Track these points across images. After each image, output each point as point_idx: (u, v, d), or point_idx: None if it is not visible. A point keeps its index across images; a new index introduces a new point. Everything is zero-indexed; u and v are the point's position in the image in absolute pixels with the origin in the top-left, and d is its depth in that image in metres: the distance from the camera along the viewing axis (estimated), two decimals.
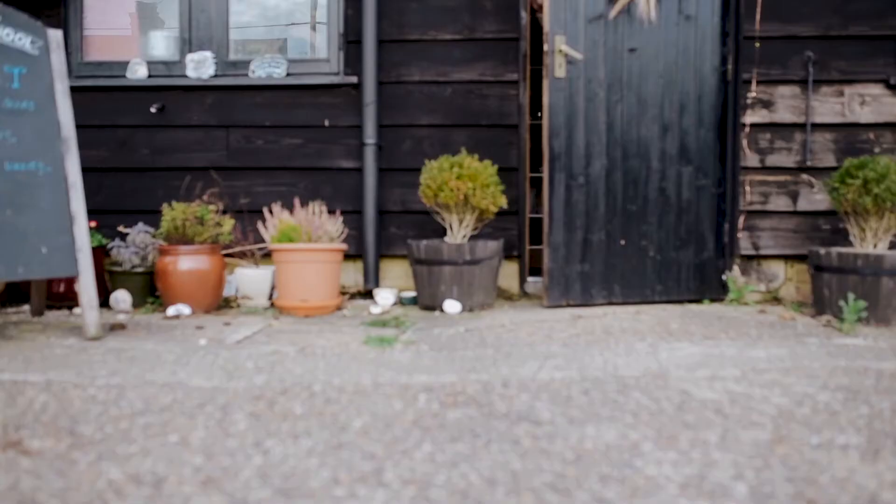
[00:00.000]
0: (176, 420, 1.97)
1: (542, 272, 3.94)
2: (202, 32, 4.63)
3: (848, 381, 2.37)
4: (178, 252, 3.83)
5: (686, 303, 4.09)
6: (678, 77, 4.07)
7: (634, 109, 4.02)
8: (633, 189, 4.04)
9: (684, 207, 4.12)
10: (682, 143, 4.10)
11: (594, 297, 4.00)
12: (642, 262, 4.07)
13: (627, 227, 4.04)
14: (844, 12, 4.25)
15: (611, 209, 4.01)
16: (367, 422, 1.95)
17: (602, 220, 4.00)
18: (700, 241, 4.15)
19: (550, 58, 3.81)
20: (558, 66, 3.82)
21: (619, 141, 4.00)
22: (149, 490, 1.50)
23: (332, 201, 4.44)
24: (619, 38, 3.95)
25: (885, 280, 3.49)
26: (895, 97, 4.25)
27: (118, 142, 4.60)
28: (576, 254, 3.96)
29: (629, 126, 4.01)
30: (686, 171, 4.10)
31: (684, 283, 4.13)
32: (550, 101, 3.85)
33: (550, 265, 3.93)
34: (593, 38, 3.90)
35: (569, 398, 2.17)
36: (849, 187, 3.64)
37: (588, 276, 3.98)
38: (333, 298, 3.91)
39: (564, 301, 3.94)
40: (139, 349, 2.89)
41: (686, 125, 4.10)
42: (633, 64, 3.99)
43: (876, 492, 1.48)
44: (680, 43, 4.05)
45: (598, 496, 1.46)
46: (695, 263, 4.14)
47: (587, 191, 3.96)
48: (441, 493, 1.47)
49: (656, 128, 4.06)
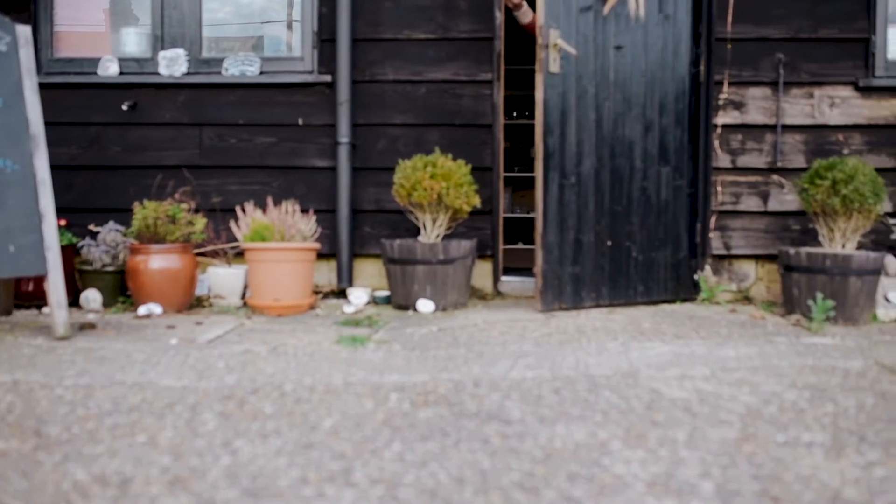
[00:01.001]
0: (144, 420, 1.96)
1: (535, 274, 3.82)
2: (175, 29, 4.60)
3: (815, 380, 2.40)
4: (149, 251, 3.80)
5: (661, 303, 4.11)
6: (658, 76, 4.06)
7: (620, 108, 3.98)
8: (618, 189, 4.00)
9: (663, 208, 4.12)
10: (662, 143, 4.10)
11: (583, 300, 3.93)
12: (627, 264, 4.04)
13: (614, 227, 3.99)
14: (815, 15, 4.30)
15: (599, 209, 3.95)
16: (337, 421, 1.95)
17: (592, 220, 3.93)
18: (676, 242, 4.17)
19: (545, 52, 3.70)
20: (553, 61, 3.73)
21: (606, 140, 3.95)
22: (114, 491, 1.49)
23: (306, 200, 4.42)
24: (607, 36, 3.91)
25: (852, 280, 3.53)
26: (864, 99, 4.30)
27: (89, 139, 4.56)
28: (568, 255, 3.87)
29: (615, 124, 3.97)
30: (664, 171, 4.10)
31: (662, 284, 4.13)
32: (545, 97, 3.74)
33: (544, 267, 3.80)
34: (584, 33, 3.84)
35: (539, 397, 2.18)
36: (818, 188, 3.68)
37: (578, 279, 3.91)
38: (306, 298, 3.89)
39: (557, 304, 3.84)
40: (109, 349, 2.86)
41: (665, 125, 4.10)
42: (620, 62, 3.95)
43: (839, 489, 1.50)
44: (660, 42, 4.05)
45: (565, 495, 1.46)
46: (671, 264, 4.15)
47: (578, 190, 3.88)
48: (409, 493, 1.47)
49: (639, 127, 4.03)
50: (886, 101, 4.29)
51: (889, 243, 4.08)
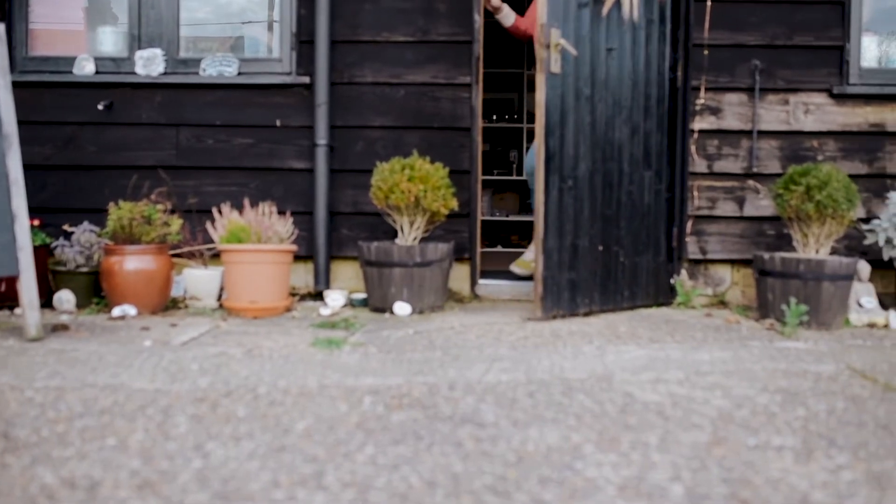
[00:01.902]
0: (115, 423, 1.94)
1: (535, 279, 3.68)
2: (152, 29, 4.56)
3: (787, 384, 2.42)
4: (124, 252, 3.76)
5: (640, 307, 4.12)
6: (643, 80, 4.05)
7: (611, 111, 3.93)
8: (609, 193, 3.95)
9: (645, 212, 4.11)
10: (646, 147, 4.09)
11: (578, 306, 3.84)
12: (616, 269, 4.00)
13: (605, 232, 3.94)
14: (790, 22, 4.34)
15: (593, 213, 3.88)
16: (310, 424, 1.94)
17: (586, 224, 3.85)
18: (656, 246, 4.18)
19: (546, 52, 3.61)
20: (554, 61, 3.63)
21: (599, 142, 3.89)
22: (83, 494, 1.47)
23: (283, 202, 4.40)
24: (601, 37, 3.86)
25: (825, 284, 3.56)
26: (838, 106, 4.35)
27: (64, 139, 4.51)
28: (565, 260, 3.78)
29: (606, 127, 3.92)
30: (647, 176, 4.09)
31: (644, 288, 4.13)
32: (547, 97, 3.64)
33: (545, 273, 3.67)
34: (581, 34, 3.78)
35: (514, 400, 2.19)
36: (792, 193, 3.71)
37: (575, 284, 3.82)
38: (283, 300, 3.87)
39: (555, 311, 3.73)
40: (81, 350, 2.83)
41: (648, 129, 4.09)
42: (611, 64, 3.91)
43: (807, 492, 1.51)
44: (645, 46, 4.04)
45: (536, 498, 1.46)
46: (652, 268, 4.16)
47: (575, 194, 3.80)
48: (381, 496, 1.47)
49: (627, 130, 4.00)
50: (860, 109, 4.34)
51: (862, 249, 4.13)
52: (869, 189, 4.30)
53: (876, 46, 4.55)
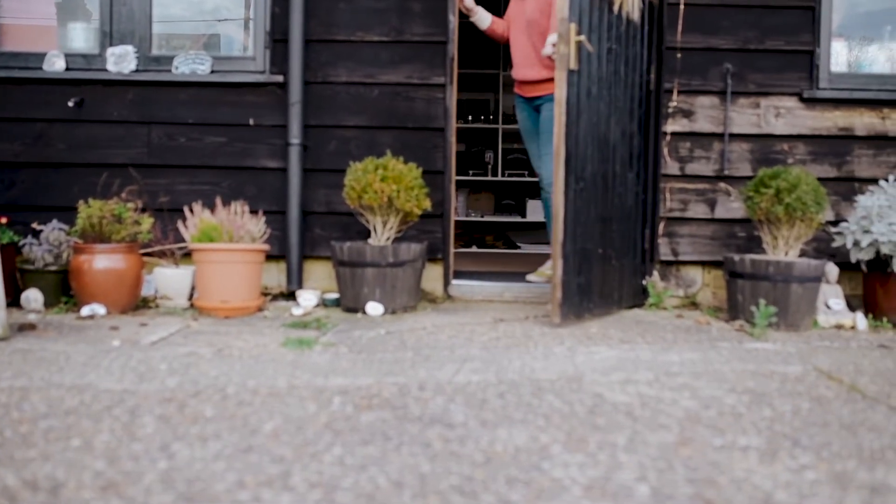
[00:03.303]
0: (81, 423, 1.92)
1: (553, 285, 3.52)
2: (124, 26, 4.52)
3: (754, 385, 2.44)
4: (93, 250, 3.72)
5: (621, 309, 4.13)
6: (630, 81, 4.03)
7: (608, 110, 3.84)
8: (606, 194, 3.86)
9: (628, 214, 4.09)
10: (631, 148, 4.07)
11: (583, 312, 3.73)
12: (610, 271, 3.93)
13: (603, 234, 3.84)
14: (762, 27, 4.39)
15: (596, 215, 3.78)
16: (278, 425, 1.93)
17: (592, 226, 3.75)
18: (635, 248, 4.19)
19: (566, 48, 3.46)
20: (573, 57, 3.50)
21: (600, 143, 3.79)
22: (45, 496, 1.45)
23: (256, 201, 4.38)
24: (604, 36, 3.78)
25: (794, 286, 3.60)
26: (808, 110, 4.40)
27: (33, 136, 4.46)
28: (576, 264, 3.64)
29: (605, 127, 3.82)
30: (630, 177, 4.08)
31: (627, 290, 4.13)
32: (567, 95, 3.49)
33: (564, 277, 3.51)
34: (591, 30, 3.67)
35: (484, 401, 2.19)
36: (762, 196, 3.75)
37: (583, 289, 3.70)
38: (255, 299, 3.85)
39: (570, 316, 3.59)
40: (48, 350, 2.80)
41: (632, 130, 4.07)
42: (610, 64, 3.84)
43: (770, 492, 1.52)
44: (631, 47, 4.04)
45: (503, 499, 1.47)
46: (631, 270, 4.16)
47: (585, 196, 3.68)
48: (347, 497, 1.46)
49: (619, 131, 3.94)
50: (829, 113, 4.39)
51: (830, 251, 4.17)
52: (837, 192, 4.36)
53: (846, 51, 4.61)
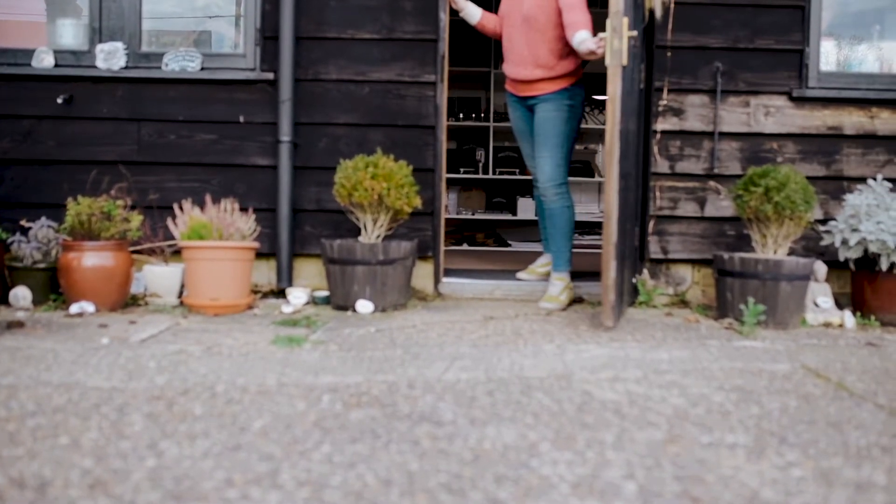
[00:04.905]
0: (69, 421, 1.91)
1: (605, 287, 3.40)
2: (114, 22, 4.50)
3: (742, 383, 2.46)
4: (82, 248, 3.71)
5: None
6: (637, 77, 3.99)
7: (633, 104, 3.79)
8: (625, 191, 3.74)
9: (628, 211, 4.04)
10: (636, 146, 4.04)
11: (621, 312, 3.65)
12: (625, 270, 3.85)
13: (620, 232, 3.66)
14: (752, 26, 4.40)
15: (622, 213, 3.65)
16: (267, 422, 1.93)
17: (624, 226, 3.69)
18: (630, 246, 4.19)
19: (619, 43, 3.35)
20: (626, 53, 3.38)
21: (628, 138, 3.70)
22: (32, 494, 1.45)
23: (246, 199, 4.37)
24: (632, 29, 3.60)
25: (783, 284, 3.62)
26: (797, 109, 4.41)
27: (22, 133, 4.44)
28: (619, 263, 3.54)
29: (628, 123, 3.71)
30: (631, 175, 4.04)
31: (628, 288, 4.11)
32: (623, 90, 3.41)
33: (617, 278, 3.43)
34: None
35: (473, 399, 2.19)
36: (752, 195, 3.76)
37: (618, 289, 3.56)
38: (244, 297, 3.85)
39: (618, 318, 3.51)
40: (37, 348, 2.79)
41: (637, 127, 4.04)
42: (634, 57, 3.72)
43: (757, 489, 1.53)
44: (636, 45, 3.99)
45: (491, 496, 1.47)
46: (627, 267, 4.14)
47: (624, 195, 3.61)
48: (335, 495, 1.46)
49: (633, 127, 3.89)
50: (818, 112, 4.40)
51: (819, 250, 4.19)
52: (826, 191, 4.38)
53: (835, 51, 4.63)
